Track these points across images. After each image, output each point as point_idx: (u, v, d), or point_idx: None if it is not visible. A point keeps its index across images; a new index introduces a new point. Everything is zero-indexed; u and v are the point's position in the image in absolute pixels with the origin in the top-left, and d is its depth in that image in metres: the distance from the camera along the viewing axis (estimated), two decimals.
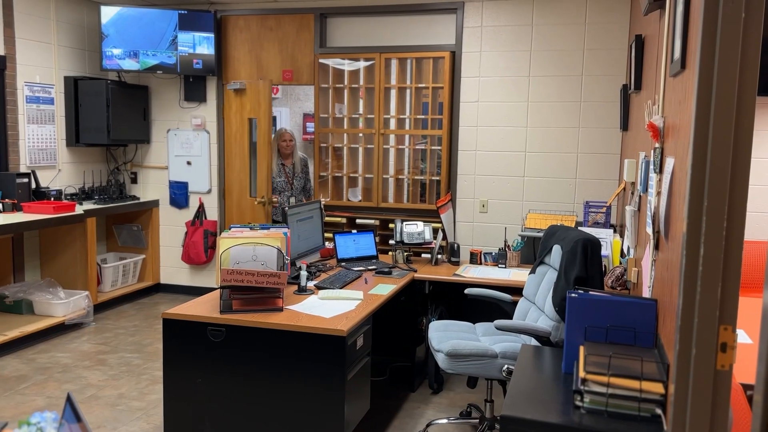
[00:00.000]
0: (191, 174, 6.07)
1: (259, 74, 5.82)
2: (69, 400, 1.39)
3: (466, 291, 3.57)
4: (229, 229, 3.22)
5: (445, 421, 3.56)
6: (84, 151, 5.87)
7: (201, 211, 6.05)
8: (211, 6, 5.82)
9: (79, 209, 5.20)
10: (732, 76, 1.45)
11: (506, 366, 2.99)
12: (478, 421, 3.50)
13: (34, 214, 4.83)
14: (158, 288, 6.29)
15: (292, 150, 5.52)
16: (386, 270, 3.88)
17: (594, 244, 2.95)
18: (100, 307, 5.50)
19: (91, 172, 5.95)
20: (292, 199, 5.41)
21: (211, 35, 5.69)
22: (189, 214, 6.12)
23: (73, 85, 5.58)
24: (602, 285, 2.96)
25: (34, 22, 5.27)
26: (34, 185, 5.19)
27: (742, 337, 2.82)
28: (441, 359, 3.09)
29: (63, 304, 4.98)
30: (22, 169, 5.19)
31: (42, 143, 5.39)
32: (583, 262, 2.90)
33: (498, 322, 2.98)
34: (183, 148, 6.08)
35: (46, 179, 5.44)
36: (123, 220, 6.17)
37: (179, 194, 6.11)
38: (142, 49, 5.65)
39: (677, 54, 1.99)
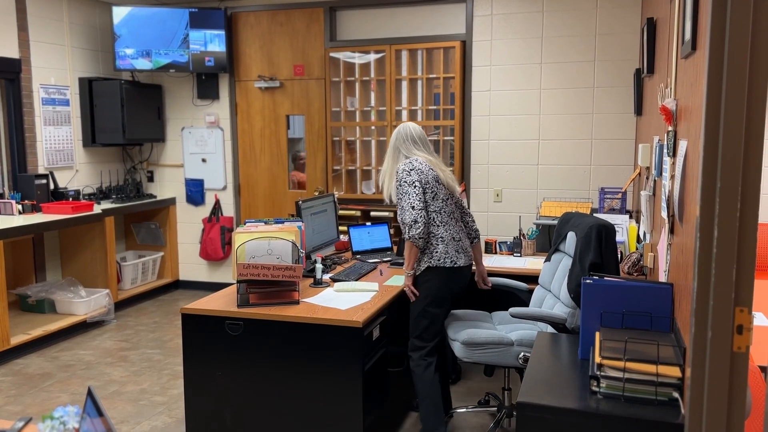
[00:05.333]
0: (206, 171, 6.13)
1: (270, 70, 5.84)
2: (90, 394, 1.41)
3: None
4: (244, 224, 3.25)
5: (463, 410, 3.57)
6: (100, 151, 5.94)
7: (217, 207, 6.11)
8: (221, 3, 5.84)
9: (97, 209, 5.27)
10: (743, 55, 1.44)
11: (522, 353, 2.99)
12: (496, 409, 3.51)
13: (53, 214, 4.90)
14: (177, 285, 6.36)
15: None
16: (401, 261, 3.89)
17: (608, 230, 2.93)
18: (120, 305, 5.58)
19: (108, 171, 6.02)
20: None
21: (222, 32, 5.72)
22: (205, 211, 6.18)
23: (87, 86, 5.64)
24: (617, 271, 2.95)
25: (47, 25, 5.33)
26: (52, 186, 5.27)
27: (761, 319, 2.79)
28: (457, 348, 3.09)
29: (84, 302, 5.06)
30: (40, 171, 5.27)
31: (59, 144, 5.46)
32: (598, 248, 2.89)
33: (513, 309, 2.98)
34: (198, 146, 6.13)
35: (64, 180, 5.52)
36: (141, 219, 6.24)
37: (195, 191, 6.17)
38: (155, 49, 5.70)
39: (688, 35, 1.97)
